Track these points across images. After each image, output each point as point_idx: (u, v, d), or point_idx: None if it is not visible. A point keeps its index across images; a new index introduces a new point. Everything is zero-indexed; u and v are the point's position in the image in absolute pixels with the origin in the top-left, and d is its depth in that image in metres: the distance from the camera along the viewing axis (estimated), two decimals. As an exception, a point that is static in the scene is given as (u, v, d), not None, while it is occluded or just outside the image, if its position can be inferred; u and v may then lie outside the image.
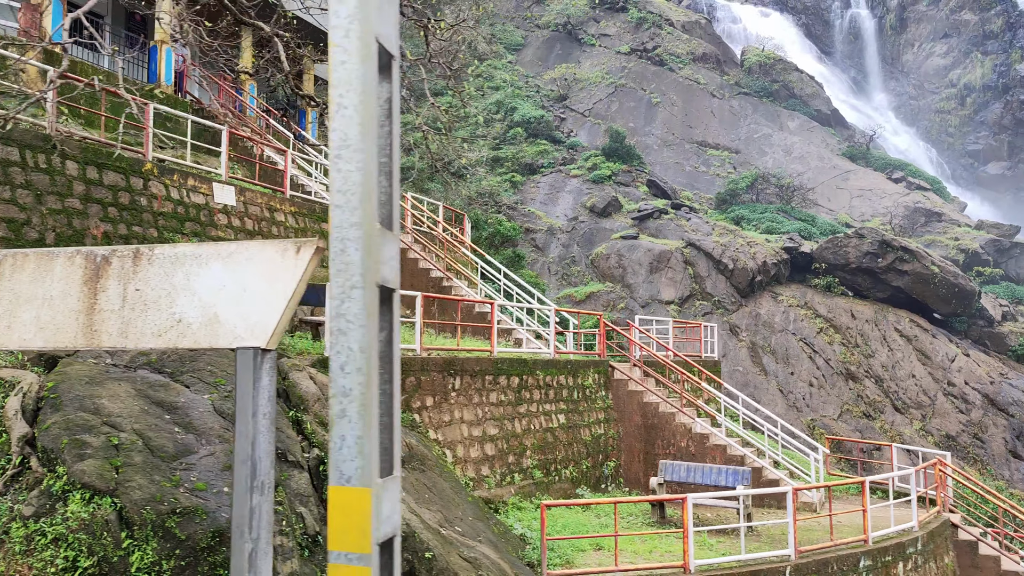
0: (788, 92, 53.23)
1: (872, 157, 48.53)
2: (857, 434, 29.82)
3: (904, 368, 31.39)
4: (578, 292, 38.75)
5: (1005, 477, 28.04)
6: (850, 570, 8.04)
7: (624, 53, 59.27)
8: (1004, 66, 70.90)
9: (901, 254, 32.73)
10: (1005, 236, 38.99)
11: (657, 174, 50.04)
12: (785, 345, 33.36)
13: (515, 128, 51.69)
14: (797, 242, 36.93)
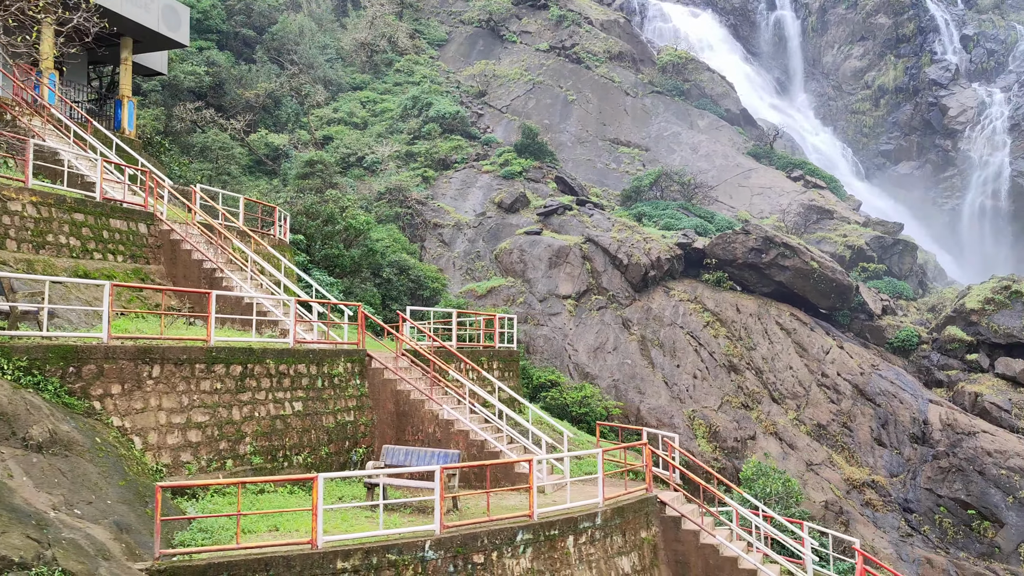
0: (699, 91, 54.36)
1: (775, 156, 49.91)
2: (735, 424, 30.75)
3: (783, 360, 32.46)
4: (479, 287, 39.07)
5: (869, 464, 29.25)
6: (504, 543, 8.31)
7: (543, 51, 59.79)
8: (915, 69, 73.43)
9: (783, 250, 33.80)
10: (889, 233, 40.54)
11: (569, 171, 50.65)
12: (673, 338, 34.17)
13: (430, 124, 51.70)
14: (691, 238, 37.82)
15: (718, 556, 11.31)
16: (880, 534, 26.59)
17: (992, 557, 25.15)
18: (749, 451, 29.75)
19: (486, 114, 56.29)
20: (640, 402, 32.13)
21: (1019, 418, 28.63)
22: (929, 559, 25.26)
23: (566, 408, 29.32)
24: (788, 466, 28.89)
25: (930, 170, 68.94)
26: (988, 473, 26.40)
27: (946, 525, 26.41)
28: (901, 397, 30.26)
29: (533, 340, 35.78)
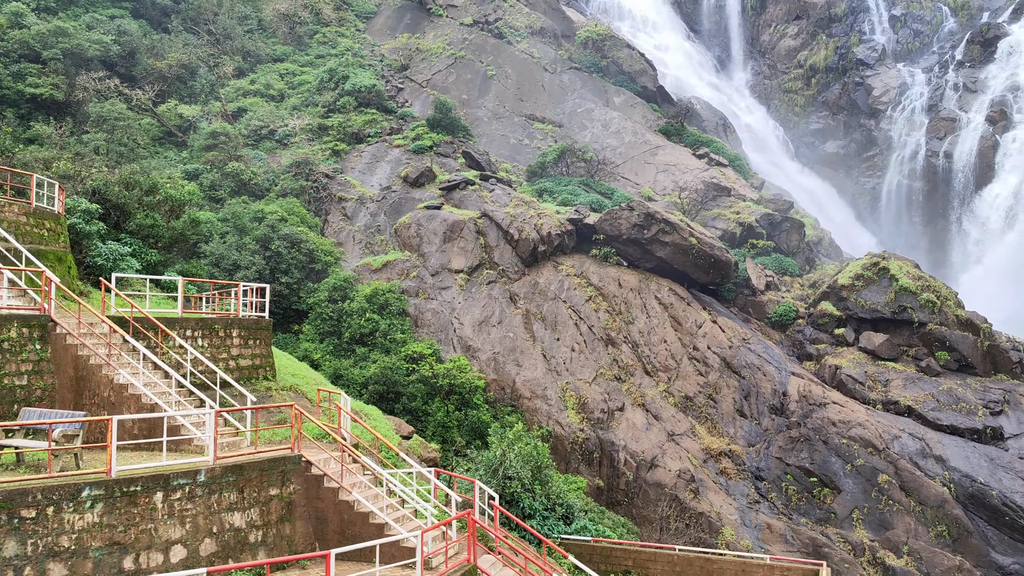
0: (617, 68, 54.56)
1: (685, 133, 50.40)
2: (605, 396, 31.41)
3: (658, 334, 33.14)
4: (375, 261, 39.20)
5: (729, 434, 30.12)
6: (65, 499, 8.60)
7: (468, 25, 59.47)
8: (844, 48, 74.20)
9: (663, 226, 34.36)
10: (779, 211, 41.32)
11: (483, 146, 50.73)
12: (555, 312, 34.69)
13: (346, 97, 51.34)
14: (583, 214, 38.22)
15: (352, 511, 11.94)
16: (729, 501, 27.49)
17: (828, 522, 26.17)
18: (616, 422, 30.48)
19: (406, 88, 56.02)
20: (516, 374, 32.67)
21: (872, 390, 29.63)
22: (769, 524, 26.21)
23: (430, 380, 29.74)
24: (651, 436, 29.67)
25: (855, 149, 70.03)
26: (831, 442, 27.37)
27: (791, 492, 27.38)
28: (765, 370, 31.12)
29: (422, 314, 36.09)
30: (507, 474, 17.47)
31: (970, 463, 25.78)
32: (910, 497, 25.53)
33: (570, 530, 17.93)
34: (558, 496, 18.54)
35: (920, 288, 31.44)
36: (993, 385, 28.85)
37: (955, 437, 26.94)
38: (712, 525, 26.42)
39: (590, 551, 17.62)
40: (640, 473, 28.46)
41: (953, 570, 23.52)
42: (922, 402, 28.24)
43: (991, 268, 51.40)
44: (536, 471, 18.29)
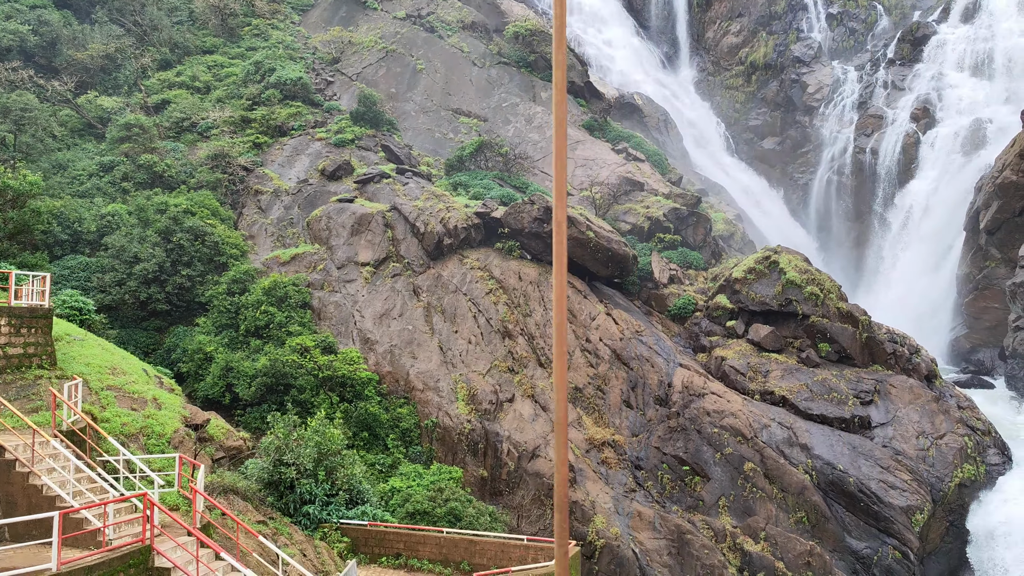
0: (546, 63, 54.84)
1: (608, 129, 50.84)
2: (496, 387, 31.75)
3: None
4: (284, 254, 39.20)
5: (615, 425, 30.61)
6: None
7: (400, 19, 59.42)
8: (783, 46, 75.16)
9: (562, 219, 34.68)
10: (687, 206, 41.89)
11: (408, 140, 50.84)
12: (455, 305, 34.96)
13: (271, 90, 51.12)
14: (490, 208, 38.49)
15: (40, 495, 12.29)
16: (607, 490, 27.97)
17: (697, 510, 26.75)
18: (503, 413, 30.85)
19: (336, 81, 55.90)
20: (411, 367, 32.92)
21: (752, 380, 30.26)
22: (640, 512, 26.72)
23: (313, 372, 29.88)
24: (536, 427, 30.07)
25: (790, 145, 71.07)
26: (704, 432, 27.94)
27: (666, 481, 27.93)
28: (654, 362, 31.64)
29: (325, 306, 36.20)
30: (284, 460, 17.68)
31: (833, 451, 26.47)
32: (773, 484, 26.17)
33: (351, 515, 18.24)
34: (346, 482, 18.81)
35: (805, 281, 32.13)
36: (867, 376, 29.61)
37: (823, 426, 27.63)
38: (585, 514, 26.88)
39: (366, 535, 17.95)
40: (521, 463, 28.86)
41: (804, 554, 24.18)
42: (796, 392, 28.91)
43: (910, 260, 52.52)
44: (323, 457, 18.50)
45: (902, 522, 24.58)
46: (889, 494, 25.04)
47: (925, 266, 50.04)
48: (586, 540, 26.34)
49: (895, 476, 25.47)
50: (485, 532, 20.14)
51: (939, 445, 26.74)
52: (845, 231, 62.56)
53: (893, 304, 52.57)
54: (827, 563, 23.94)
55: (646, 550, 25.57)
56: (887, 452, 26.43)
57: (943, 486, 25.86)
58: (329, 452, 18.61)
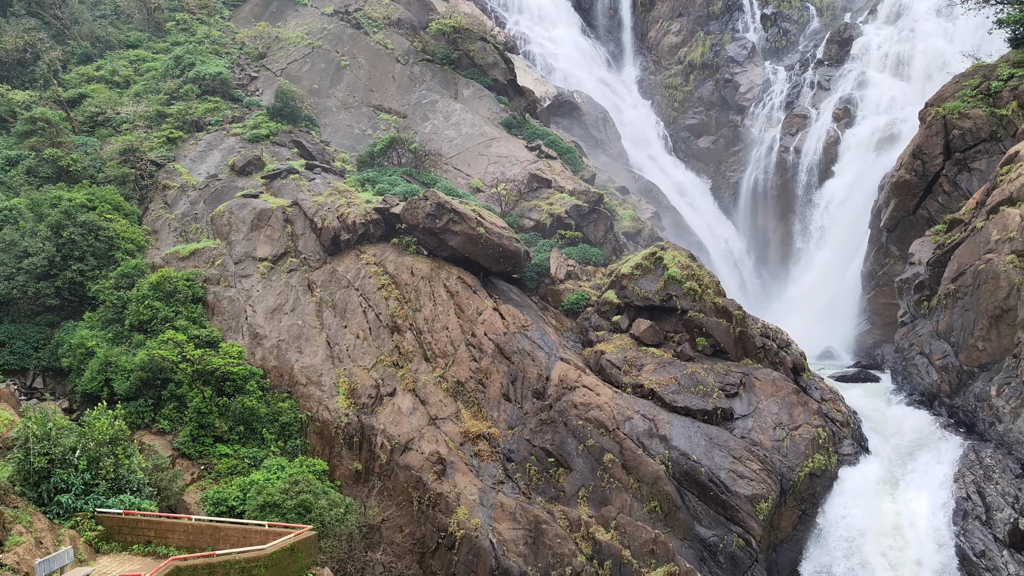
0: (469, 61, 55.10)
1: (526, 127, 51.18)
2: (379, 381, 32.00)
3: (441, 321, 33.85)
4: (184, 249, 39.13)
5: (493, 418, 30.99)
6: None
7: (328, 15, 59.34)
8: (719, 46, 76.03)
9: (453, 216, 35.04)
10: (589, 203, 42.34)
11: (328, 136, 50.88)
12: (347, 300, 35.16)
13: (190, 84, 50.87)
14: (389, 204, 38.72)
15: None
16: (476, 481, 28.35)
17: (558, 500, 27.21)
18: (383, 407, 31.12)
19: (261, 76, 55.77)
20: (296, 361, 33.09)
21: (627, 374, 30.78)
22: (503, 503, 27.13)
23: (180, 366, 29.94)
24: (413, 420, 30.38)
25: (723, 144, 71.98)
26: (570, 424, 28.41)
27: (533, 472, 28.36)
28: (535, 356, 32.06)
29: (219, 301, 36.22)
30: (39, 450, 17.82)
31: (690, 442, 27.04)
32: (630, 475, 26.69)
33: (110, 504, 18.45)
34: (113, 471, 18.99)
35: (685, 277, 32.71)
36: (736, 369, 30.24)
37: (686, 418, 28.19)
38: (449, 505, 27.25)
39: (120, 523, 18.19)
40: (394, 456, 29.16)
41: (649, 542, 24.71)
42: (665, 385, 29.47)
43: (824, 257, 53.52)
44: (89, 448, 18.62)
45: (746, 510, 25.20)
46: (737, 483, 25.66)
47: (837, 263, 51.03)
48: (447, 531, 26.73)
49: (745, 466, 26.10)
50: (232, 520, 20.90)
51: (793, 436, 27.42)
52: (771, 228, 63.53)
53: (808, 299, 53.62)
54: (670, 550, 24.49)
55: (503, 540, 25.98)
56: (743, 443, 27.06)
57: (793, 475, 26.54)
58: (96, 442, 18.72)
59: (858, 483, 26.18)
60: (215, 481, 27.54)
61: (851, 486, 26.10)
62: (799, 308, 53.60)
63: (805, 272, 54.53)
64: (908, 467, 26.54)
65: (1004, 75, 37.78)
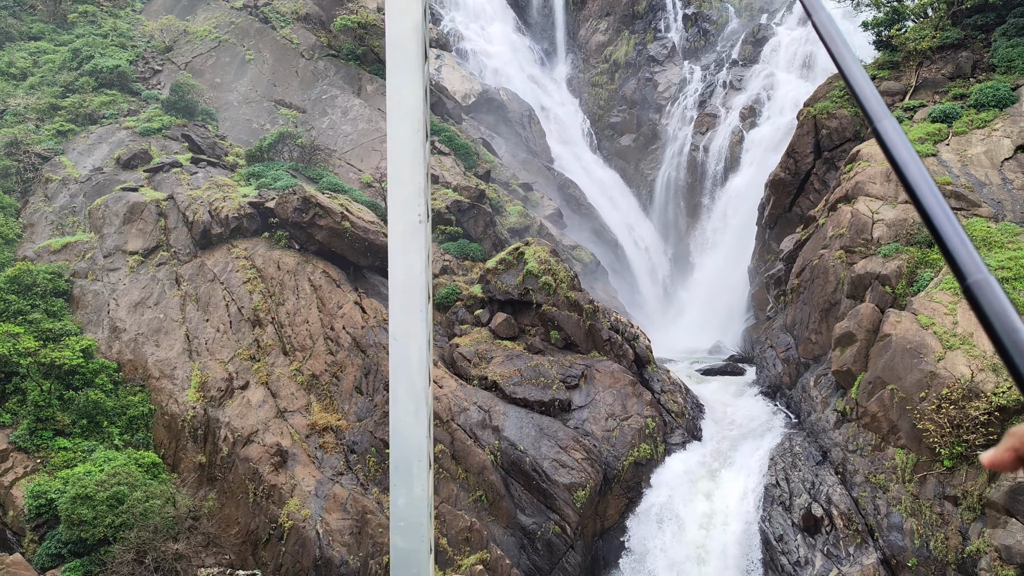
0: (375, 57, 55.22)
1: (432, 123, 51.36)
2: (232, 375, 32.08)
3: (303, 315, 34.01)
4: (56, 243, 38.89)
5: (344, 410, 31.24)
6: None
7: (237, 8, 59.11)
8: (641, 45, 76.89)
9: (319, 210, 35.20)
10: (469, 199, 42.80)
11: (226, 130, 50.75)
12: (211, 294, 35.17)
13: (86, 77, 50.49)
14: (265, 197, 38.77)
15: None
16: (316, 473, 28.58)
17: (386, 491, 27.53)
18: (232, 400, 31.21)
19: (165, 70, 55.40)
20: (152, 355, 33.06)
21: (476, 367, 31.18)
22: (336, 494, 27.40)
23: (13, 360, 29.81)
24: (260, 413, 30.52)
25: (642, 142, 72.87)
26: (408, 416, 28.72)
27: (372, 464, 28.67)
28: (391, 349, 32.30)
29: (85, 295, 36.05)
30: None
31: (521, 433, 27.52)
32: (459, 465, 27.11)
33: None
34: None
35: (542, 272, 33.20)
36: (580, 361, 30.80)
37: (524, 409, 28.67)
38: (282, 497, 27.46)
39: None
40: (235, 449, 29.29)
41: (464, 530, 25.14)
42: (508, 377, 29.93)
43: (720, 253, 54.53)
44: None
45: (564, 498, 25.74)
46: (558, 472, 26.18)
47: (731, 259, 51.99)
48: (277, 522, 26.95)
49: (569, 455, 26.63)
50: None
51: (623, 426, 28.02)
52: (684, 226, 64.50)
53: (706, 295, 54.62)
54: (484, 537, 24.94)
55: (330, 530, 26.25)
56: (574, 433, 27.60)
57: (618, 464, 27.13)
58: None
59: (681, 470, 26.84)
60: (49, 475, 27.46)
61: (673, 473, 26.74)
62: (699, 303, 54.63)
63: (704, 269, 55.53)
64: (731, 455, 27.25)
65: (870, 76, 38.75)
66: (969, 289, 1.44)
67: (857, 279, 27.05)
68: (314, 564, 25.70)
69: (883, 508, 22.37)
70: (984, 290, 1.42)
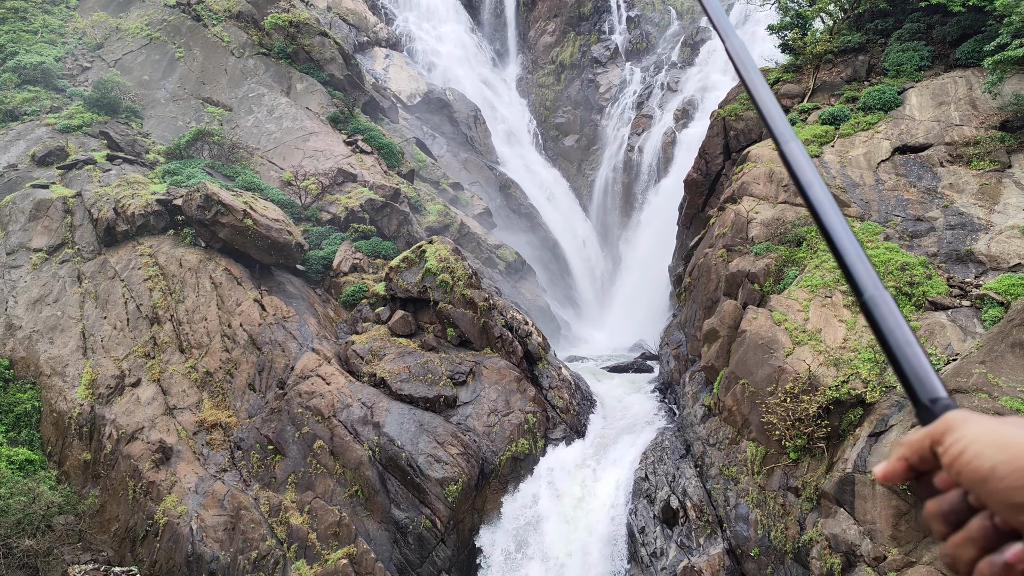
0: (306, 55, 55.19)
1: (357, 122, 51.53)
2: (124, 372, 32.02)
3: (202, 312, 34.01)
4: (-42, 240, 38.63)
5: (235, 407, 31.29)
6: None
7: (171, 6, 58.83)
8: (586, 46, 77.48)
9: (220, 208, 35.21)
10: (384, 197, 43.00)
11: (152, 128, 50.51)
12: (111, 291, 35.06)
13: (8, 73, 50.07)
14: (173, 195, 38.67)
15: None
16: (200, 470, 28.62)
17: (270, 487, 27.67)
18: (122, 397, 31.16)
19: (94, 67, 55.03)
20: (45, 351, 32.90)
21: (369, 364, 31.37)
22: (214, 491, 27.47)
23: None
24: (148, 410, 30.49)
25: (585, 143, 73.45)
26: (293, 412, 28.90)
27: (255, 460, 28.77)
28: (287, 346, 32.44)
29: (-15, 293, 35.82)
30: None
31: (401, 428, 27.76)
32: (337, 461, 27.29)
33: None
34: None
35: (440, 269, 33.46)
36: (470, 358, 31.10)
37: (408, 405, 28.90)
38: (160, 494, 27.49)
39: None
40: (119, 446, 29.26)
41: (333, 525, 25.33)
42: (396, 374, 30.15)
43: (645, 252, 55.14)
44: None
45: (436, 493, 26.01)
46: (432, 467, 26.45)
47: (656, 259, 52.57)
48: (153, 519, 26.97)
49: (445, 451, 26.91)
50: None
51: (503, 422, 28.34)
52: (621, 225, 65.10)
53: (634, 293, 55.20)
54: (352, 532, 25.15)
55: (205, 526, 26.33)
56: (455, 429, 27.88)
57: (496, 459, 27.45)
58: None
59: (557, 465, 27.21)
60: (-74, 472, 27.27)
61: (549, 467, 27.11)
62: (628, 302, 55.20)
63: (631, 268, 56.14)
64: (609, 449, 27.67)
65: (771, 79, 39.47)
66: (865, 304, 1.48)
67: (731, 277, 27.60)
68: (186, 560, 25.76)
69: (733, 500, 22.88)
70: (879, 305, 1.47)
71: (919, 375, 1.35)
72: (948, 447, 1.24)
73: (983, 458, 1.18)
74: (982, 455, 1.18)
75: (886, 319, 1.44)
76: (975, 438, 1.20)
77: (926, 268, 23.89)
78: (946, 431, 1.27)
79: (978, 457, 1.18)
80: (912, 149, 30.09)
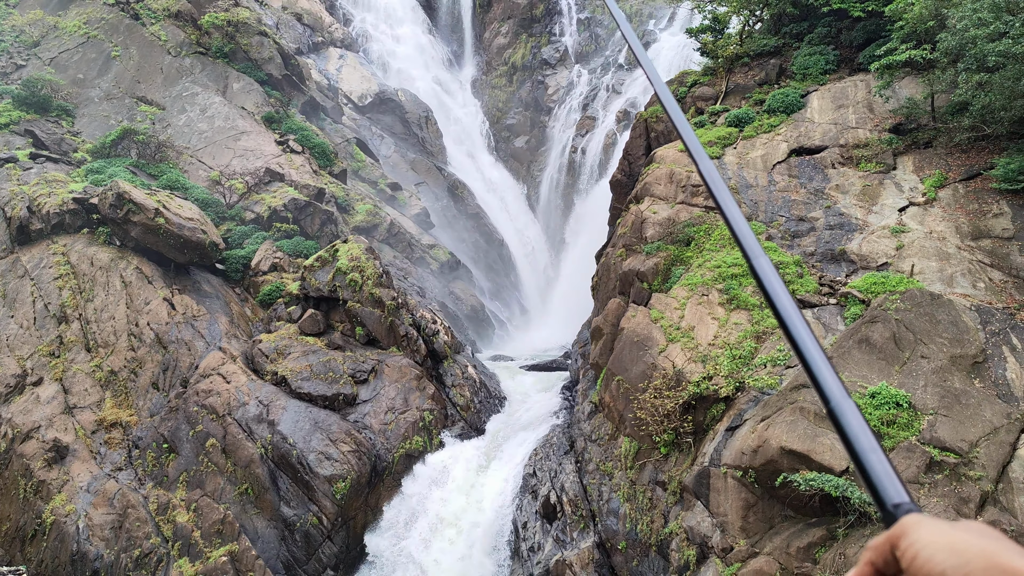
0: (244, 55, 55.07)
1: (291, 122, 51.49)
2: (22, 371, 31.82)
3: (110, 311, 33.87)
4: None
5: (138, 406, 31.19)
6: None
7: (110, 5, 58.47)
8: (537, 48, 77.83)
9: (132, 207, 35.09)
10: (308, 197, 43.09)
11: (84, 126, 50.15)
12: (19, 290, 34.82)
13: (-65, 71, 49.67)
14: (89, 194, 38.47)
15: None
16: (94, 468, 28.52)
17: (162, 485, 27.62)
18: (21, 396, 30.96)
19: (29, 65, 54.54)
20: (-53, 351, 32.60)
21: (273, 362, 31.41)
22: (105, 490, 27.39)
23: None
24: (47, 409, 30.32)
25: (534, 144, 73.80)
26: (188, 410, 28.88)
27: (150, 458, 28.71)
28: (193, 345, 32.39)
29: None
30: None
31: (296, 426, 27.84)
32: (228, 459, 27.32)
33: None
34: None
35: (350, 269, 33.58)
36: (374, 356, 31.24)
37: (306, 403, 28.98)
38: (50, 492, 27.36)
39: None
40: (13, 445, 29.07)
41: (217, 522, 25.38)
42: (297, 372, 30.22)
43: (580, 252, 55.55)
44: None
45: (324, 490, 26.12)
46: (322, 464, 26.56)
47: (588, 258, 52.91)
48: (41, 518, 26.84)
49: (337, 448, 27.04)
50: None
51: (399, 420, 28.52)
52: (562, 227, 65.48)
53: (570, 293, 55.58)
54: (235, 530, 25.20)
55: (92, 525, 26.25)
56: (348, 426, 28.00)
57: (390, 457, 27.62)
58: None
59: (450, 461, 27.40)
60: None
61: (443, 463, 27.30)
62: (565, 302, 55.53)
63: (567, 268, 56.53)
64: (504, 447, 27.91)
65: (689, 82, 39.98)
66: (832, 412, 1.53)
67: (624, 276, 27.96)
68: (71, 559, 25.67)
69: (606, 494, 23.21)
70: (845, 413, 1.51)
71: (883, 482, 1.39)
72: (904, 551, 1.28)
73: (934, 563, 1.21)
74: (933, 559, 1.22)
75: (852, 426, 1.48)
76: (928, 542, 1.24)
77: (799, 267, 24.38)
78: (902, 535, 1.30)
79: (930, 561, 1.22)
80: (809, 151, 30.65)
